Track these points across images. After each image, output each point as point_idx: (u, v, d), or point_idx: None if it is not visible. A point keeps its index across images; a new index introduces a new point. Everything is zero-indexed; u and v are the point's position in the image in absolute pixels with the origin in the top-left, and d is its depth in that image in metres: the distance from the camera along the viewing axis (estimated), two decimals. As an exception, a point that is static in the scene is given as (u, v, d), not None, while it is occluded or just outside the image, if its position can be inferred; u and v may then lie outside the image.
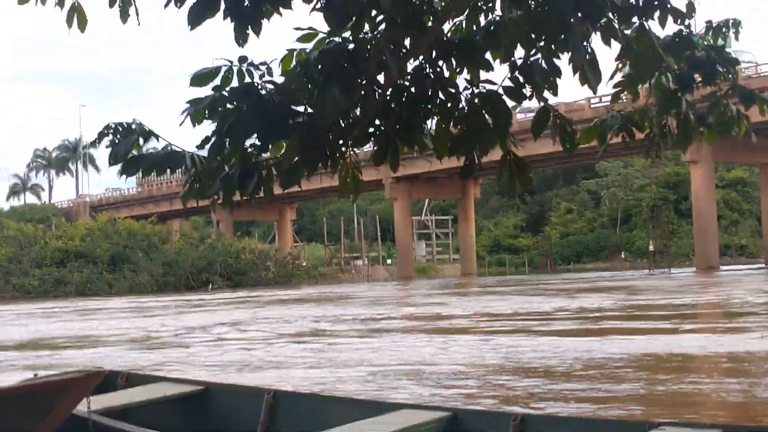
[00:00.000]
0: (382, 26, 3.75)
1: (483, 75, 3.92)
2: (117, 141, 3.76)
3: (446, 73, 3.93)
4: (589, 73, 3.70)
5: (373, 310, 23.26)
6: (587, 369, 9.55)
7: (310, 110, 3.74)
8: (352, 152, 4.14)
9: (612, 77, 4.18)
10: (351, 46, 3.71)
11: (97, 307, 32.42)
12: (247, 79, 3.73)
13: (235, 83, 3.72)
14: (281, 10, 3.64)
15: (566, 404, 7.39)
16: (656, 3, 3.85)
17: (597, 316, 17.63)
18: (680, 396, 7.51)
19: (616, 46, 3.96)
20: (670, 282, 34.58)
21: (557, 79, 3.80)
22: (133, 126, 3.79)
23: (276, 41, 4.21)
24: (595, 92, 3.75)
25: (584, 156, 54.37)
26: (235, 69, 3.72)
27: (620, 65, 4.18)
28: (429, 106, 3.89)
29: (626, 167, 77.96)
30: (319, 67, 3.64)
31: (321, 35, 3.80)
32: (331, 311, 23.45)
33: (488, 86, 3.89)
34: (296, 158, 3.78)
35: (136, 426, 5.27)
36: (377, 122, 3.94)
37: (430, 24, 3.84)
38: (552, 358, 10.66)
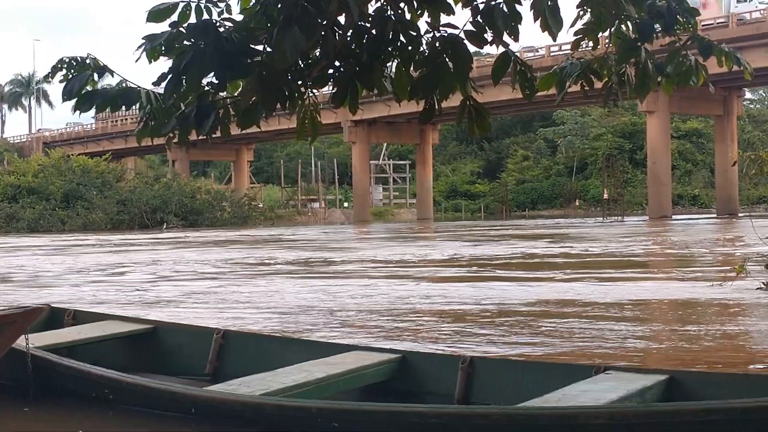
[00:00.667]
0: (344, -34, 3.70)
1: (444, 19, 3.90)
2: (71, 76, 3.70)
3: (408, 16, 3.90)
4: (550, 19, 3.70)
5: (282, 253, 23.03)
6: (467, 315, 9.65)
7: (269, 49, 3.70)
8: (311, 93, 4.11)
9: (573, 25, 4.18)
10: (312, -15, 3.66)
11: (24, 245, 31.94)
12: (206, 16, 3.67)
13: (193, 20, 3.66)
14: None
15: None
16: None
17: (504, 264, 17.72)
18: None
19: (577, -7, 3.96)
20: (612, 230, 34.99)
21: (518, 25, 3.80)
22: (88, 61, 3.72)
23: (235, -22, 4.13)
24: (555, 39, 3.76)
25: (542, 104, 54.51)
26: (193, 5, 3.66)
27: (581, 13, 4.18)
28: (389, 49, 3.86)
29: (583, 116, 78.45)
30: (279, 6, 3.59)
31: (281, -27, 3.74)
32: (250, 253, 23.22)
33: (449, 30, 3.87)
34: (254, 98, 3.74)
35: (76, 361, 5.23)
36: (337, 63, 3.91)
37: (392, -35, 3.79)
38: (435, 305, 10.69)
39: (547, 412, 3.90)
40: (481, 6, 3.80)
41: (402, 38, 3.86)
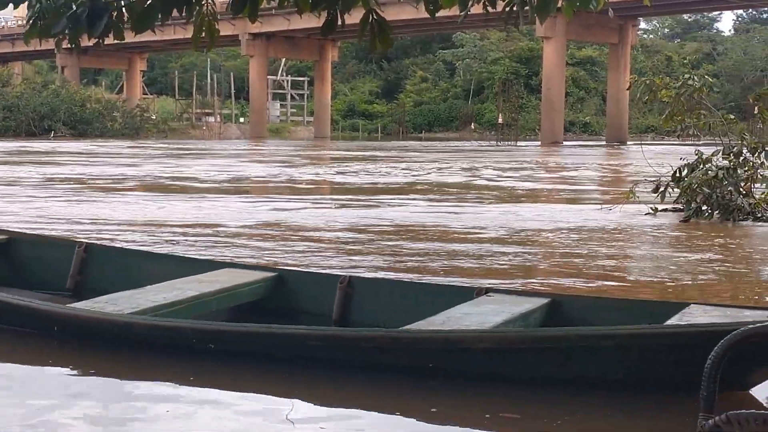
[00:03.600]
0: None
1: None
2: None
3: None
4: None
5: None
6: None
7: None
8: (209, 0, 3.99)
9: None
10: None
11: None
12: None
13: None
14: None
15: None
16: None
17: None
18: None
19: None
20: (507, 154, 35.55)
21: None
22: (-28, -47, 3.52)
23: None
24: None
25: (443, 25, 54.56)
26: None
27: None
28: (292, -43, 3.77)
29: (482, 40, 78.74)
30: None
31: None
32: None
33: (354, -60, 3.79)
34: (149, 1, 3.61)
35: None
36: (237, -31, 3.79)
37: None
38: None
39: (433, 335, 3.88)
40: None
41: (305, -54, 3.77)
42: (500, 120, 58.52)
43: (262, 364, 4.00)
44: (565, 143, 51.96)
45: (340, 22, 3.95)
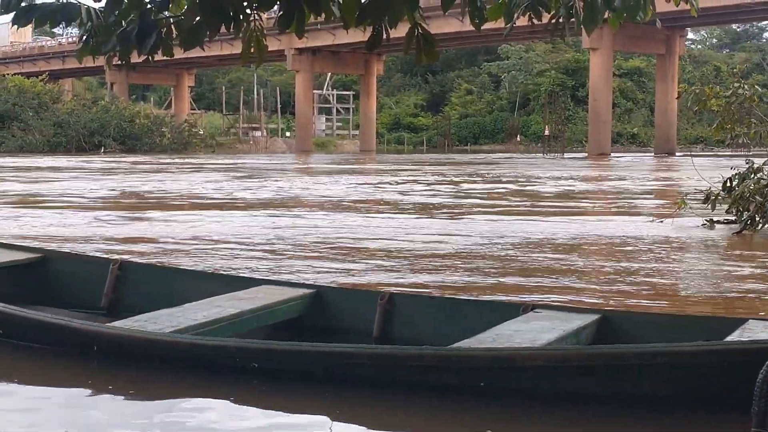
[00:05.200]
0: None
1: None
2: (7, -12, 3.57)
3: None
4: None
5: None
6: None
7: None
8: (257, 16, 4.02)
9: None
10: None
11: None
12: (149, -69, 3.55)
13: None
14: None
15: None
16: None
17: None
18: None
19: None
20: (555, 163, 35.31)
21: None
22: (25, -27, 3.59)
23: None
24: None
25: (488, 37, 54.43)
26: None
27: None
28: (338, -28, 3.79)
29: (527, 51, 78.50)
30: None
31: None
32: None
33: (399, -46, 3.79)
34: (198, 17, 3.64)
35: None
36: (284, -15, 3.81)
37: None
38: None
39: (485, 353, 3.78)
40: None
41: (351, -39, 3.77)
42: (546, 132, 58.26)
43: (304, 383, 3.92)
44: (612, 155, 51.50)
45: (384, 36, 3.96)
